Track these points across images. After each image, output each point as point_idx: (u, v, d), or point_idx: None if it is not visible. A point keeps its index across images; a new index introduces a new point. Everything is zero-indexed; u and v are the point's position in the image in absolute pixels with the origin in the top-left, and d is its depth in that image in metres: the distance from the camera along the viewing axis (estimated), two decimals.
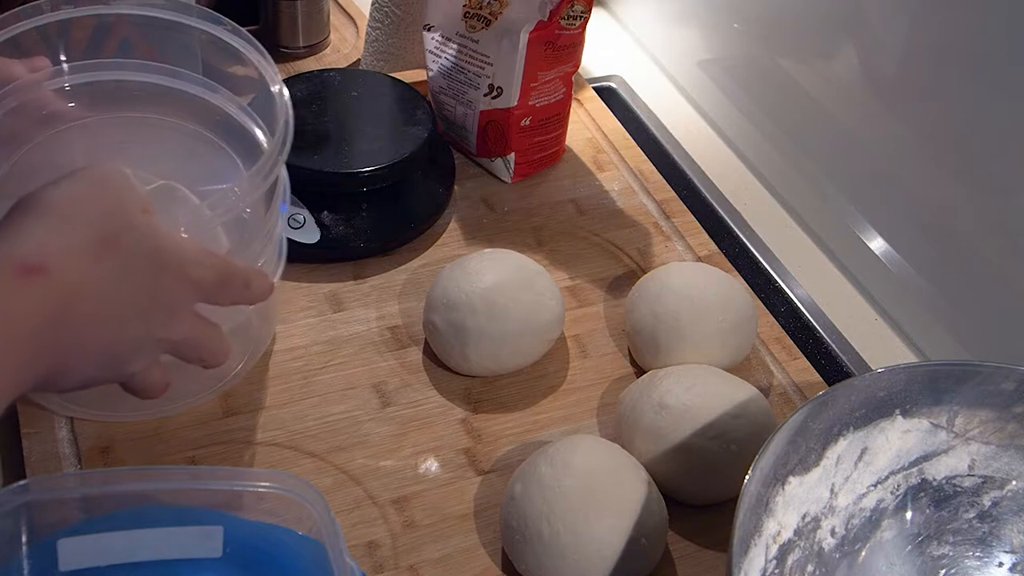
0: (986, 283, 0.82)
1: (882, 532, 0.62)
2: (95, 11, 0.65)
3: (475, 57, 0.85)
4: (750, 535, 0.54)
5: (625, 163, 0.95)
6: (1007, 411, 0.61)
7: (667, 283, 0.75)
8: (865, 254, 0.91)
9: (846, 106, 0.92)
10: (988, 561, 0.63)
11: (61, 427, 0.68)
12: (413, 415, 0.72)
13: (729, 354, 0.75)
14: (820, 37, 0.94)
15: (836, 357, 0.85)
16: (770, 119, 1.01)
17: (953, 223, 0.84)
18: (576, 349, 0.78)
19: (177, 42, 0.72)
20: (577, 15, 0.83)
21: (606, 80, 1.12)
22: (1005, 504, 0.63)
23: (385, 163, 0.81)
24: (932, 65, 0.83)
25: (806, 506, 0.58)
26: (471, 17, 0.84)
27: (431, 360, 0.76)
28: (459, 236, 0.86)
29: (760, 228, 0.96)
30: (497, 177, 0.91)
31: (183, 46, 0.72)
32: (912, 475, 0.62)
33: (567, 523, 0.60)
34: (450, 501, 0.67)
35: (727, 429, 0.66)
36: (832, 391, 0.58)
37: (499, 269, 0.73)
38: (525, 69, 0.84)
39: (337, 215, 0.81)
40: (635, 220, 0.89)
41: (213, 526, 0.50)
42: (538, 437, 0.72)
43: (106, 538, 0.49)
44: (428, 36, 0.88)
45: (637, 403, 0.69)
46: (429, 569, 0.64)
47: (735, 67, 1.05)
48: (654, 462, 0.67)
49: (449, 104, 0.90)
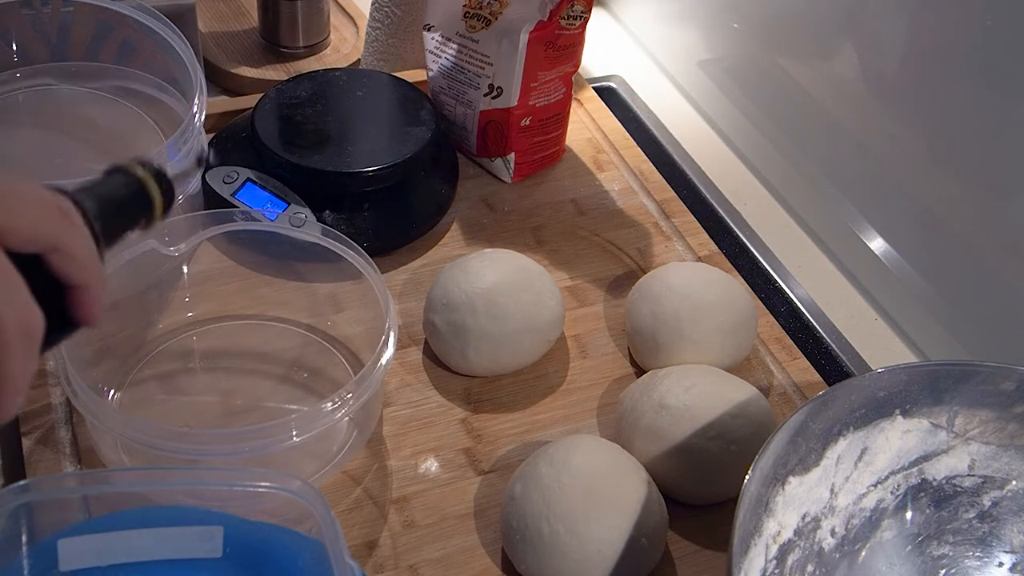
0: (986, 283, 0.82)
1: (882, 532, 0.62)
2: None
3: (475, 57, 0.85)
4: (750, 535, 0.54)
5: (625, 163, 0.95)
6: (1007, 411, 0.61)
7: (667, 283, 0.75)
8: (865, 254, 0.91)
9: (846, 106, 0.92)
10: (988, 561, 0.63)
11: (61, 427, 0.68)
12: (413, 415, 0.72)
13: (729, 354, 0.75)
14: (820, 37, 0.94)
15: (836, 357, 0.85)
16: (770, 119, 1.01)
17: (953, 223, 0.84)
18: (576, 349, 0.78)
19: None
20: (577, 15, 0.83)
21: (606, 80, 1.11)
22: (1005, 504, 0.63)
23: (388, 163, 0.81)
24: (932, 65, 0.83)
25: (806, 506, 0.58)
26: (471, 17, 0.84)
27: (431, 360, 0.76)
28: (459, 236, 0.86)
29: (760, 228, 0.96)
30: (497, 177, 0.91)
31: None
32: (912, 475, 0.62)
33: (567, 523, 0.60)
34: (450, 501, 0.67)
35: (727, 429, 0.66)
36: (832, 391, 0.58)
37: (499, 269, 0.73)
38: (525, 69, 0.84)
39: (339, 215, 0.81)
40: (635, 220, 0.89)
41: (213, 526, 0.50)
42: (538, 437, 0.72)
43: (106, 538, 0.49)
44: (428, 36, 0.88)
45: (637, 403, 0.69)
46: (429, 569, 0.64)
47: (735, 67, 1.05)
48: (654, 462, 0.67)
49: (449, 104, 0.90)
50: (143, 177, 0.49)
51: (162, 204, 0.50)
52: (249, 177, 0.81)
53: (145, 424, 0.59)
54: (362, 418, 0.67)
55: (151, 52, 0.76)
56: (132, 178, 0.48)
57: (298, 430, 0.59)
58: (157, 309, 0.74)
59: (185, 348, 0.73)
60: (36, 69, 0.79)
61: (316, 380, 0.72)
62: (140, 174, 0.49)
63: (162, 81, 0.78)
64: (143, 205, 0.49)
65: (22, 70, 0.79)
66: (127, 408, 0.69)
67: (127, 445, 0.63)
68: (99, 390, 0.69)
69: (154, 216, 0.50)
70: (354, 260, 0.68)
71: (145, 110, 0.80)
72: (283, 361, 0.73)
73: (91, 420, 0.61)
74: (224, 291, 0.76)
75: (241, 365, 0.73)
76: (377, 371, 0.62)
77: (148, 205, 0.49)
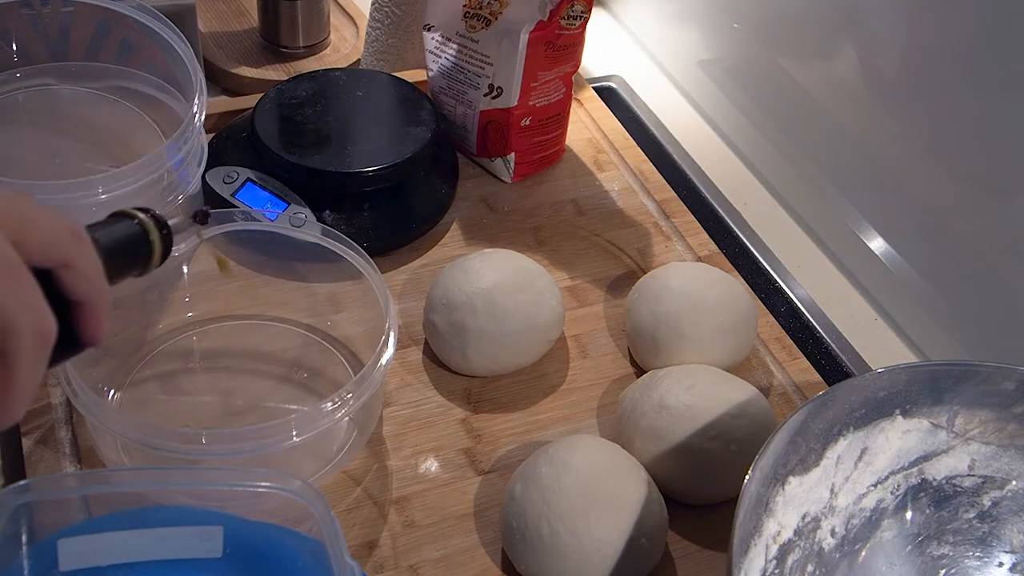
0: (986, 283, 0.82)
1: (882, 532, 0.62)
2: None
3: (475, 57, 0.85)
4: (750, 535, 0.54)
5: (625, 163, 0.95)
6: (1007, 411, 0.61)
7: (667, 283, 0.75)
8: (865, 254, 0.91)
9: (846, 106, 0.92)
10: (988, 561, 0.63)
11: (61, 427, 0.68)
12: (413, 415, 0.72)
13: (729, 354, 0.75)
14: (820, 37, 0.94)
15: (836, 357, 0.85)
16: (770, 119, 1.01)
17: (953, 223, 0.84)
18: (576, 349, 0.78)
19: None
20: (577, 15, 0.83)
21: (606, 80, 1.12)
22: (1005, 504, 0.63)
23: (388, 163, 0.81)
24: (932, 65, 0.83)
25: (806, 506, 0.58)
26: (471, 17, 0.84)
27: (431, 360, 0.76)
28: (459, 236, 0.86)
29: (760, 228, 0.96)
30: (497, 177, 0.91)
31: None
32: (912, 475, 0.62)
33: (567, 523, 0.60)
34: (450, 501, 0.67)
35: (727, 429, 0.66)
36: (832, 391, 0.58)
37: (499, 269, 0.73)
38: (525, 69, 0.84)
39: (339, 215, 0.81)
40: (635, 220, 0.89)
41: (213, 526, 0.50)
42: (538, 437, 0.72)
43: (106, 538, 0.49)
44: (428, 36, 0.88)
45: (637, 403, 0.69)
46: (429, 569, 0.64)
47: (735, 67, 1.05)
48: (654, 462, 0.67)
49: (449, 104, 0.90)
50: (145, 223, 0.50)
51: (161, 252, 0.51)
52: (249, 177, 0.81)
53: (145, 424, 0.59)
54: (362, 418, 0.67)
55: (151, 52, 0.76)
56: (135, 223, 0.50)
57: (298, 430, 0.59)
58: (157, 309, 0.74)
59: (185, 348, 0.73)
60: (36, 69, 0.79)
61: (316, 380, 0.72)
62: (143, 220, 0.50)
63: (162, 81, 0.78)
64: (143, 251, 0.51)
65: (22, 70, 0.79)
66: (127, 408, 0.69)
67: (127, 445, 0.63)
68: (99, 390, 0.69)
69: (151, 263, 0.51)
70: (354, 260, 0.68)
71: (145, 110, 0.80)
72: (283, 361, 0.73)
73: (91, 420, 0.61)
74: (224, 291, 0.76)
75: (241, 365, 0.73)
76: (377, 371, 0.62)
77: (148, 251, 0.51)
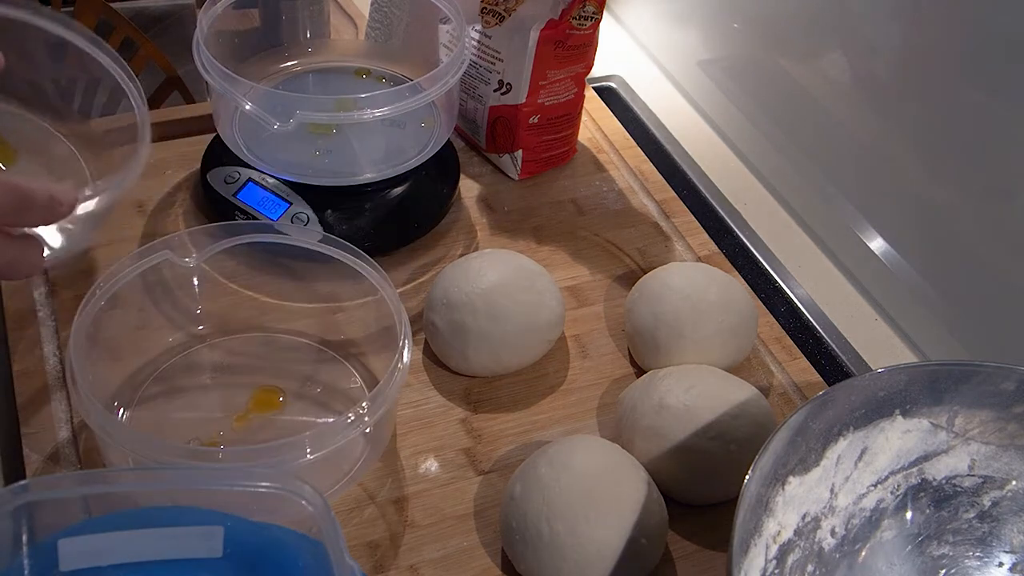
0: (986, 283, 0.82)
1: (882, 532, 0.62)
2: None
3: (487, 52, 0.85)
4: (750, 535, 0.54)
5: (625, 163, 0.95)
6: (1007, 411, 0.61)
7: (667, 283, 0.75)
8: (865, 254, 0.91)
9: (846, 106, 0.92)
10: (988, 561, 0.63)
11: (61, 427, 0.68)
12: (413, 415, 0.72)
13: (729, 354, 0.75)
14: (820, 37, 0.94)
15: (836, 357, 0.85)
16: (770, 119, 1.01)
17: (953, 223, 0.84)
18: (576, 349, 0.78)
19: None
20: (589, 16, 0.83)
21: (606, 80, 1.12)
22: (1005, 504, 0.63)
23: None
24: (932, 65, 0.83)
25: (806, 506, 0.58)
26: (487, 12, 0.84)
27: (431, 360, 0.76)
28: (459, 236, 0.86)
29: (760, 228, 0.96)
30: (505, 173, 0.91)
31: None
32: (912, 475, 0.62)
33: (567, 523, 0.60)
34: (450, 501, 0.67)
35: (727, 429, 0.66)
36: (832, 391, 0.58)
37: (499, 269, 0.73)
38: (534, 67, 0.84)
39: (340, 214, 0.81)
40: (635, 220, 0.89)
41: (213, 526, 0.50)
42: (538, 437, 0.72)
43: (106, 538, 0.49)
44: (443, 29, 0.89)
45: (637, 403, 0.69)
46: (429, 569, 0.64)
47: (735, 67, 1.05)
48: (654, 462, 0.67)
49: (461, 98, 0.90)
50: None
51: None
52: (251, 177, 0.81)
53: (157, 442, 0.58)
54: (377, 433, 0.66)
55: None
56: None
57: (313, 447, 0.58)
58: (167, 321, 0.74)
59: (195, 362, 0.73)
60: None
61: (328, 394, 0.72)
62: None
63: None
64: None
65: None
66: (137, 424, 0.68)
67: (138, 462, 0.62)
68: (109, 405, 0.68)
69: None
70: (369, 275, 0.67)
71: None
72: (295, 374, 0.73)
73: (103, 437, 0.59)
74: (234, 303, 0.76)
75: (252, 379, 0.73)
76: (392, 386, 0.62)
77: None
